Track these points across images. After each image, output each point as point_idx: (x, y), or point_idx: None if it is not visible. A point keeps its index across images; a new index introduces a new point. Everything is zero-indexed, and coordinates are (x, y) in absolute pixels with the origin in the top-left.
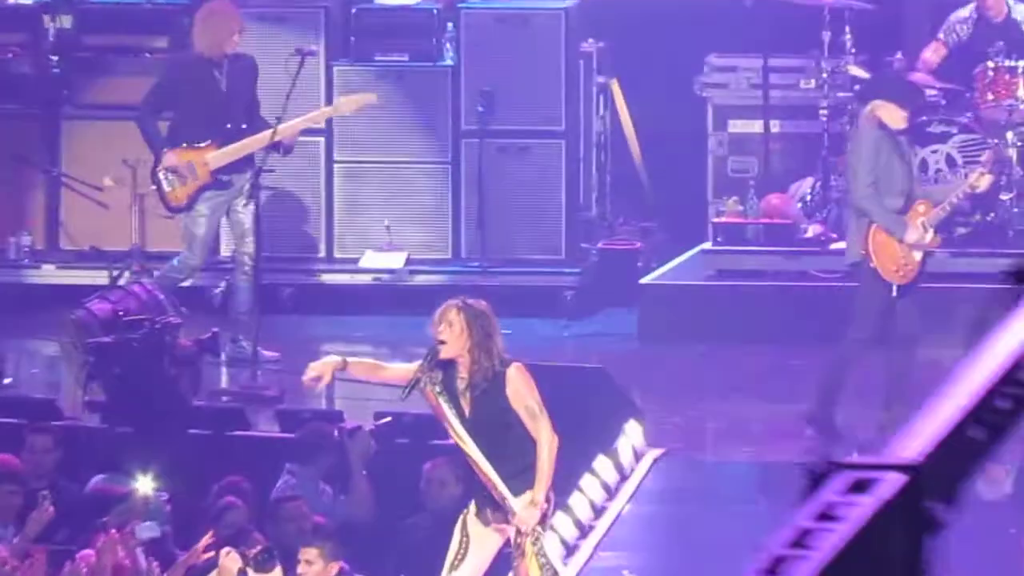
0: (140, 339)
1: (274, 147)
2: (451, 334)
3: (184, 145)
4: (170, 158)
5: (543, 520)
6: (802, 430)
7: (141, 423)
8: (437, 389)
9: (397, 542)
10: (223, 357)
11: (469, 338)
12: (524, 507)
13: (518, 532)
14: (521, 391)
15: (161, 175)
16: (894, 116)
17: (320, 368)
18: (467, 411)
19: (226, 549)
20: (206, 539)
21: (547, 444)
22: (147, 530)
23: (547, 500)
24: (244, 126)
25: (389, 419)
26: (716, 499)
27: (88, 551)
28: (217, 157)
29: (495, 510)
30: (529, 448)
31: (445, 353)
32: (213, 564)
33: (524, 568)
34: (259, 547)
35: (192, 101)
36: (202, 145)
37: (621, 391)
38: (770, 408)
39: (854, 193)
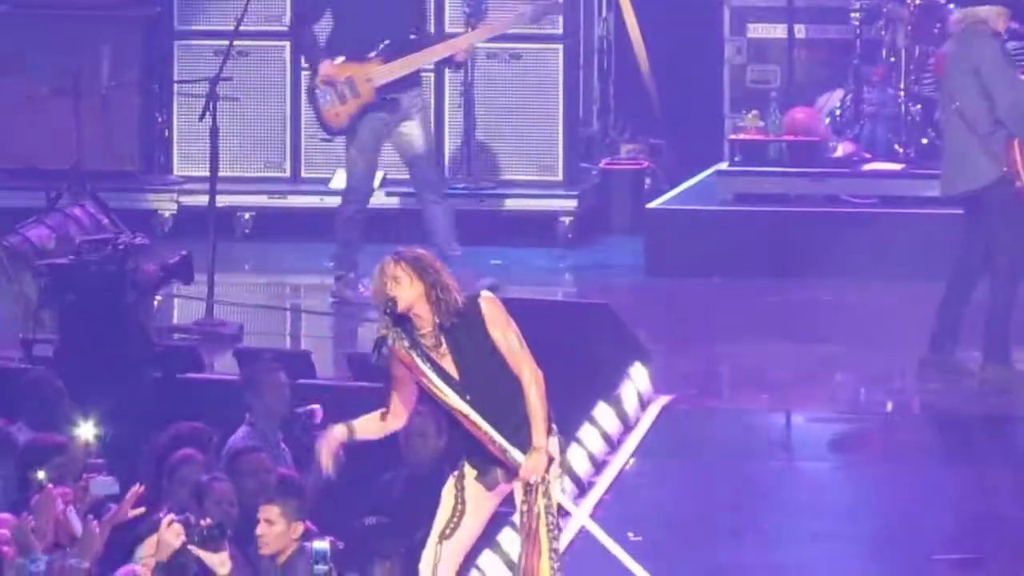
0: (99, 261)
1: (446, 61)
2: (400, 287)
3: (345, 57)
4: (328, 70)
5: (550, 465)
6: (830, 375)
7: (94, 359)
8: (407, 344)
9: (370, 501)
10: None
11: (421, 282)
12: (528, 456)
13: (526, 487)
14: (499, 319)
15: (318, 91)
16: (1000, 23)
17: (328, 447)
18: (450, 365)
19: (168, 518)
20: (134, 491)
21: (534, 380)
22: (103, 486)
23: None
24: (412, 36)
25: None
26: (731, 452)
27: (5, 515)
28: (382, 72)
29: (505, 469)
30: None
31: (402, 304)
32: (148, 526)
33: (534, 528)
34: (207, 521)
35: (353, 6)
36: (367, 58)
37: (625, 330)
38: (793, 350)
39: (999, 107)
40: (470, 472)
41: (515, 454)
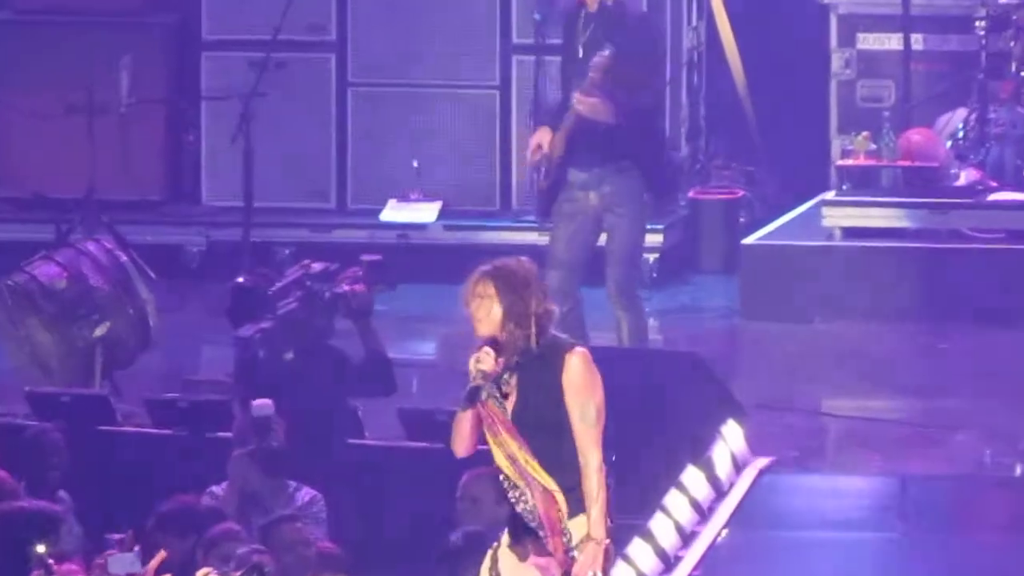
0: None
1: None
2: (482, 309)
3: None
4: (534, 143)
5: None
6: (949, 434)
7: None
8: (495, 401)
9: (427, 568)
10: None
11: (499, 304)
12: (585, 549)
13: None
14: (581, 382)
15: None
16: None
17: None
18: (509, 402)
19: (205, 571)
20: (160, 557)
21: (598, 466)
22: (124, 564)
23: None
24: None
25: None
26: (838, 524)
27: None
28: (554, 145)
29: (535, 540)
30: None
31: (482, 331)
32: None
33: None
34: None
35: (563, 63)
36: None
37: (718, 382)
38: (907, 405)
39: None
40: (505, 539)
41: (568, 524)
